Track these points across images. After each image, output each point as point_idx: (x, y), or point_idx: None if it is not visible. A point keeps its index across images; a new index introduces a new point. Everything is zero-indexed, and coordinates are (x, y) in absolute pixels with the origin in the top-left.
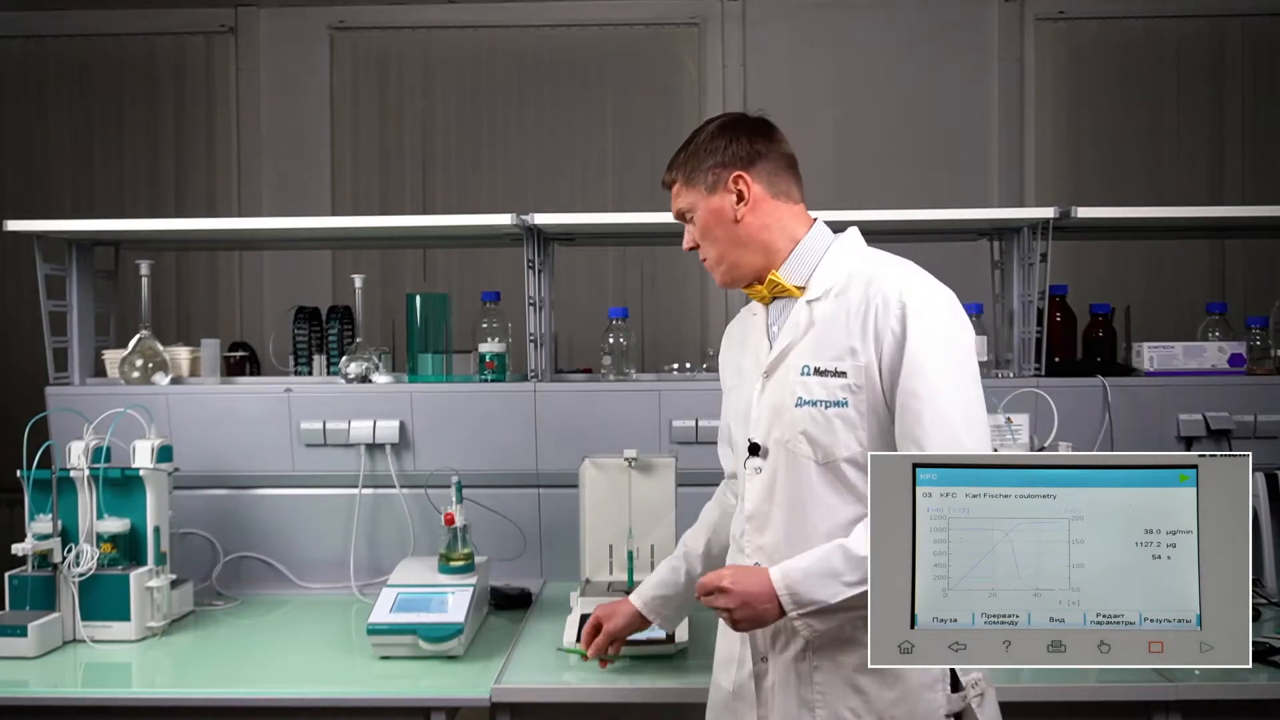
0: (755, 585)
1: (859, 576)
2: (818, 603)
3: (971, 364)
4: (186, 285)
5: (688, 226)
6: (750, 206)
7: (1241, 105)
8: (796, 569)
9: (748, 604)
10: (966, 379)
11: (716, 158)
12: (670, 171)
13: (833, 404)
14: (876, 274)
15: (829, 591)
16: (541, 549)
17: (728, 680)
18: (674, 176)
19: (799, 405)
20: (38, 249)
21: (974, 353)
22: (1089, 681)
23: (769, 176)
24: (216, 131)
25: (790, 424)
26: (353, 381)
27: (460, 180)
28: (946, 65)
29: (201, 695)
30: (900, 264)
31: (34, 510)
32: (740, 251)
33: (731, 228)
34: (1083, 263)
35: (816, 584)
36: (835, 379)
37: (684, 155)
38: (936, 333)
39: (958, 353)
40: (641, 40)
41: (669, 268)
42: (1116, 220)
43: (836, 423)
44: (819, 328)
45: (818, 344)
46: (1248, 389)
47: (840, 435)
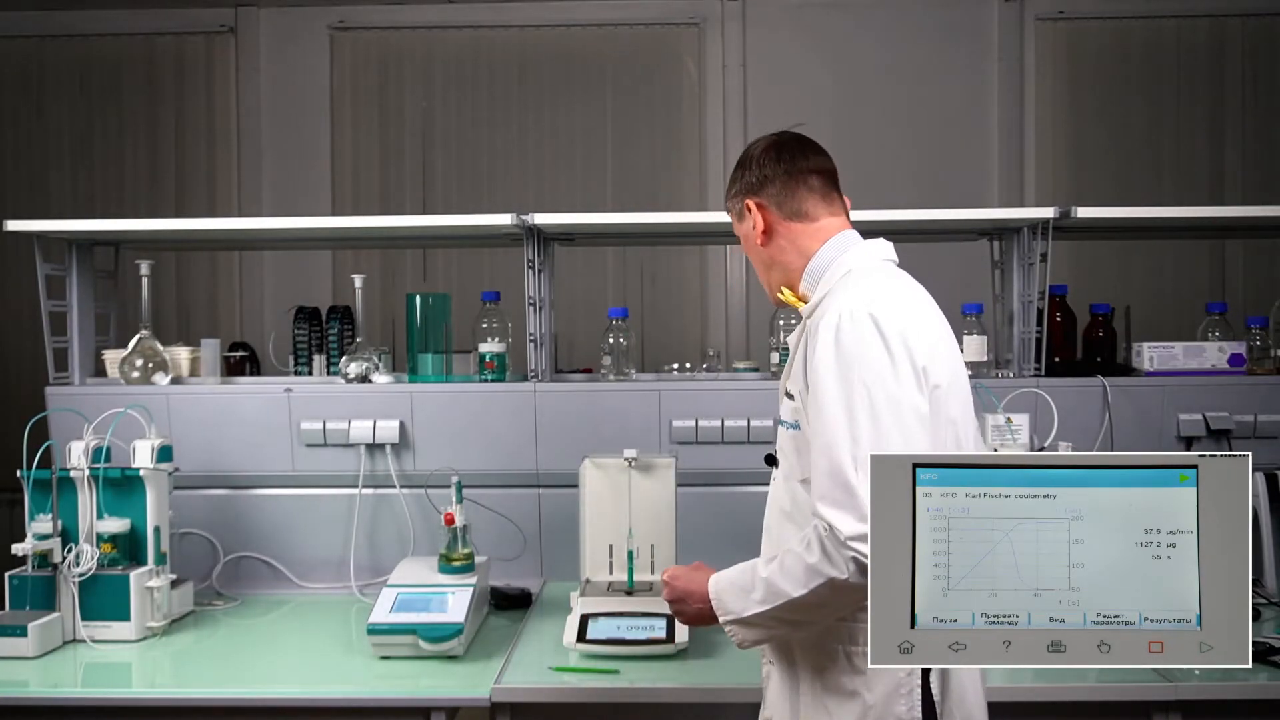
0: (694, 584)
1: (761, 595)
2: (733, 613)
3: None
4: (186, 285)
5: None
6: (764, 230)
7: (1241, 105)
8: (724, 577)
9: (682, 600)
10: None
11: (735, 186)
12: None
13: (791, 425)
14: (830, 295)
15: (740, 605)
16: (541, 549)
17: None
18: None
19: (780, 424)
20: (38, 249)
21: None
22: (1089, 681)
23: (778, 200)
24: (216, 131)
25: (778, 441)
26: (353, 381)
27: (460, 180)
28: (946, 65)
29: (201, 695)
30: (853, 282)
31: (34, 510)
32: (768, 271)
33: (757, 249)
34: (1083, 263)
35: (734, 595)
36: (791, 401)
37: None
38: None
39: (860, 379)
40: (641, 40)
41: (669, 268)
42: (1116, 220)
43: (792, 444)
44: (798, 350)
45: (793, 363)
46: (1248, 389)
47: (797, 457)
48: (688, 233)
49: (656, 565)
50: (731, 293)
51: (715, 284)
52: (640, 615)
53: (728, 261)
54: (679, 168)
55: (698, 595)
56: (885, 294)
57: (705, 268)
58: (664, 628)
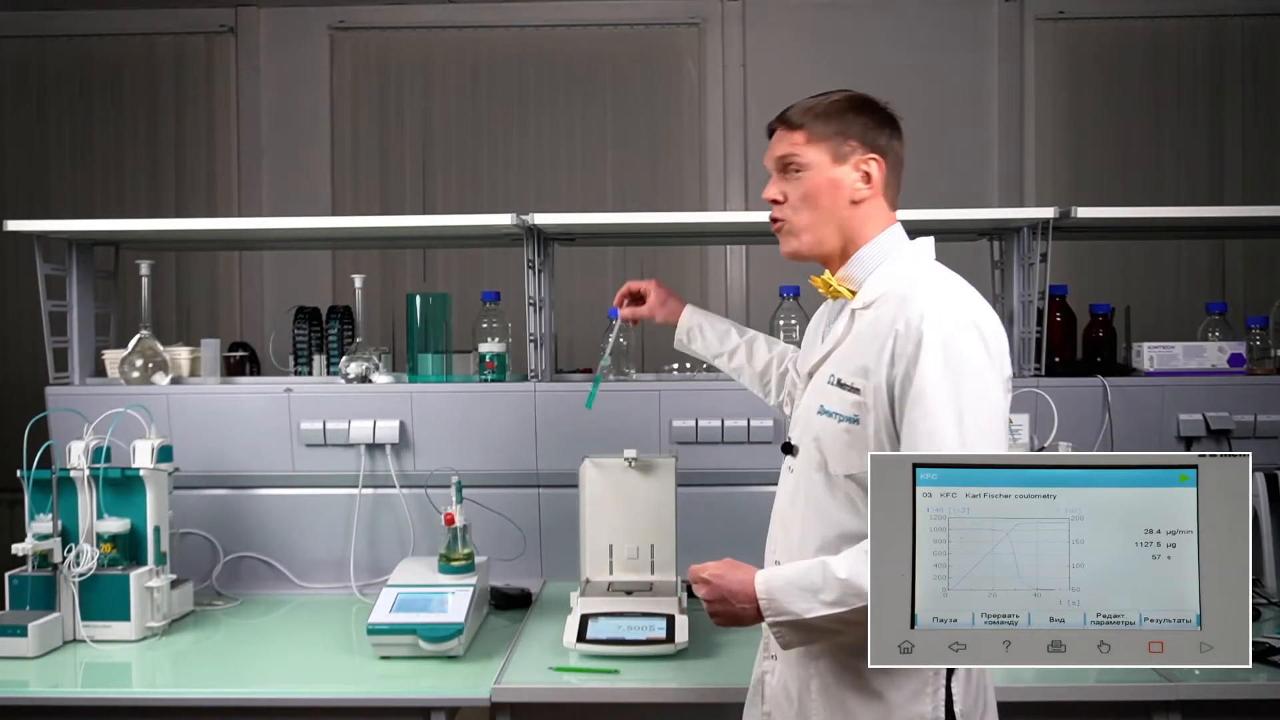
0: (736, 584)
1: (835, 597)
2: (791, 614)
3: (989, 399)
4: (186, 285)
5: (778, 176)
6: (871, 194)
7: (1241, 105)
8: (780, 576)
9: (725, 600)
10: (974, 416)
11: (856, 130)
12: (796, 118)
13: (846, 419)
14: (911, 294)
15: (804, 606)
16: (541, 549)
17: (756, 673)
18: (801, 123)
19: (820, 413)
20: (38, 249)
21: (997, 387)
22: (1089, 681)
23: (889, 172)
24: (216, 131)
25: (810, 429)
26: (353, 381)
27: (460, 180)
28: (946, 65)
29: (201, 695)
30: (939, 285)
31: (34, 510)
32: (830, 231)
33: (840, 205)
34: (1083, 263)
35: (795, 596)
36: (850, 394)
37: (820, 108)
38: (947, 368)
39: (971, 389)
40: (641, 40)
41: (669, 268)
42: (1116, 220)
43: (845, 438)
44: (853, 337)
45: (848, 354)
46: (1248, 389)
47: (847, 451)
48: (688, 233)
49: (656, 565)
50: (731, 293)
51: (715, 284)
52: (640, 615)
53: (728, 261)
54: (679, 168)
55: (743, 595)
56: (978, 302)
57: (705, 268)
58: (664, 628)
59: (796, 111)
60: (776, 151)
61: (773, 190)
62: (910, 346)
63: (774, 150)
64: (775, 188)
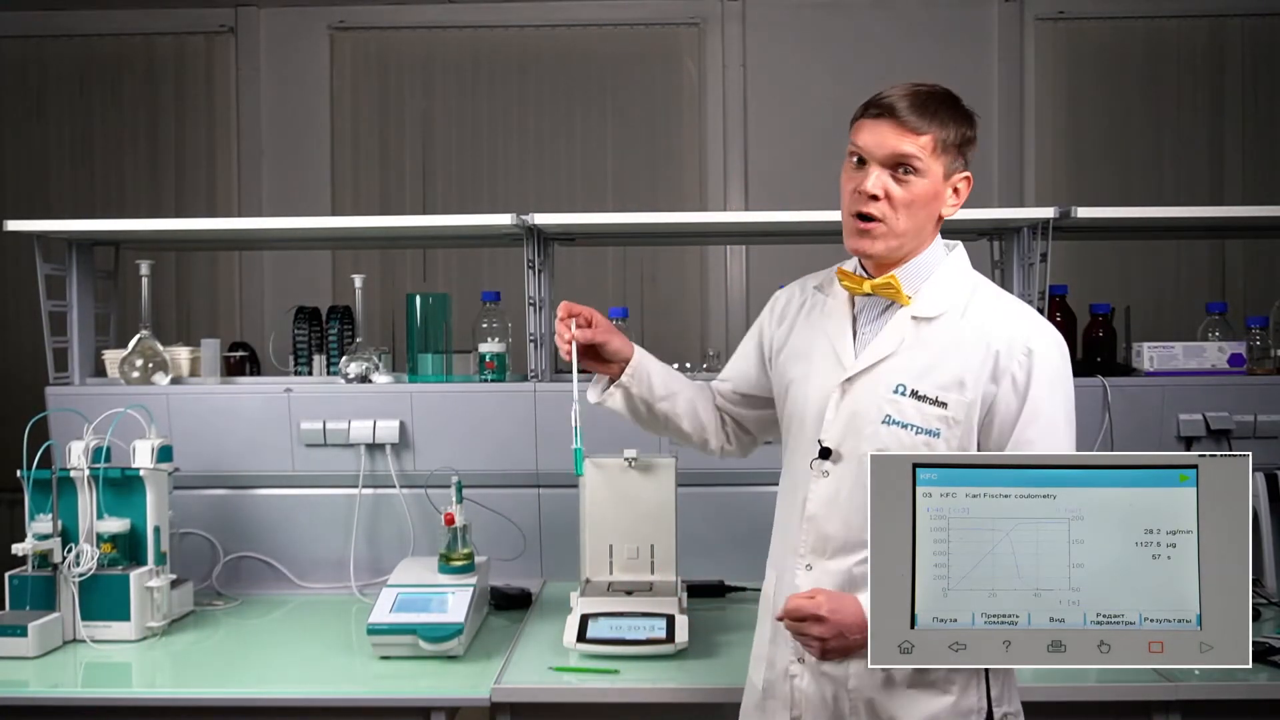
0: (850, 616)
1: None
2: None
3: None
4: (186, 285)
5: (883, 173)
6: (954, 210)
7: (1241, 105)
8: None
9: (842, 634)
10: (1072, 427)
11: (967, 149)
12: (931, 120)
13: (925, 431)
14: (998, 310)
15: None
16: (541, 549)
17: (759, 678)
18: (928, 128)
19: (887, 423)
20: (38, 249)
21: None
22: (1089, 681)
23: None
24: (216, 131)
25: (872, 439)
26: (353, 381)
27: (460, 180)
28: (946, 65)
29: (201, 695)
30: (1013, 300)
31: (34, 510)
32: (914, 238)
33: (932, 216)
34: (1083, 263)
35: None
36: (934, 408)
37: (947, 115)
38: (1058, 385)
39: (1070, 405)
40: (641, 40)
41: (669, 268)
42: (1116, 220)
43: (923, 450)
44: (924, 349)
45: (921, 366)
46: (1248, 389)
47: None
48: (688, 233)
49: (656, 565)
50: (731, 293)
51: (715, 284)
52: (640, 615)
53: (728, 261)
54: (679, 168)
55: (858, 626)
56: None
57: (705, 268)
58: (664, 628)
59: (917, 109)
60: (897, 147)
61: (876, 185)
62: (1017, 366)
63: (885, 143)
64: (879, 182)
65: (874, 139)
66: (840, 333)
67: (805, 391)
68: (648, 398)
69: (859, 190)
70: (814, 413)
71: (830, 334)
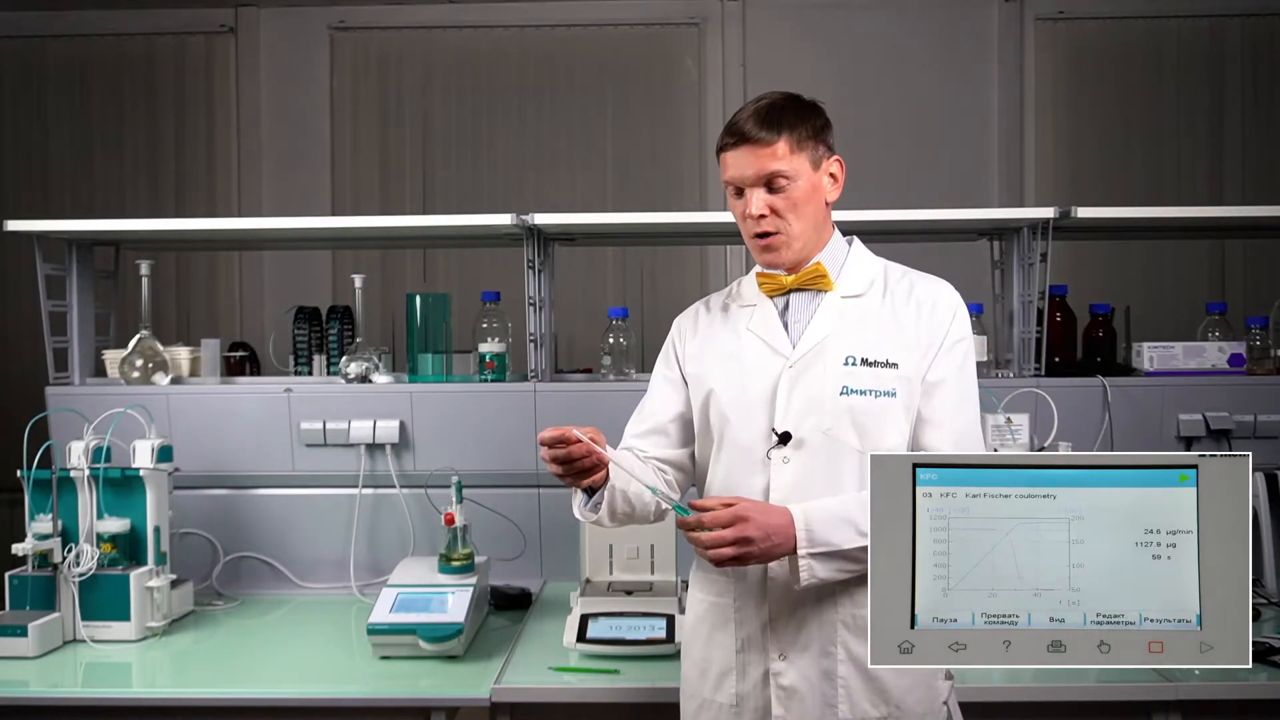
0: (777, 518)
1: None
2: (830, 545)
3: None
4: (186, 285)
5: (759, 192)
6: (836, 194)
7: (1241, 105)
8: (817, 508)
9: (769, 536)
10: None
11: (826, 135)
12: (778, 128)
13: (883, 394)
14: (910, 278)
15: (841, 536)
16: (541, 549)
17: (726, 694)
18: (779, 136)
19: (845, 393)
20: (38, 249)
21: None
22: (1089, 681)
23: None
24: (216, 131)
25: (833, 413)
26: (353, 381)
27: (460, 180)
28: (946, 65)
29: (201, 695)
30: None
31: (34, 510)
32: (812, 235)
33: (820, 208)
34: (1083, 263)
35: (833, 527)
36: (887, 369)
37: (793, 116)
38: (968, 338)
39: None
40: (641, 40)
41: (669, 268)
42: (1116, 220)
43: (886, 413)
44: (861, 322)
45: (863, 337)
46: (1248, 389)
47: (888, 424)
48: (688, 233)
49: (656, 565)
50: None
51: (715, 284)
52: (640, 615)
53: (727, 261)
54: (679, 168)
55: (783, 528)
56: None
57: (705, 268)
58: (664, 628)
59: (763, 124)
60: (761, 167)
61: (760, 206)
62: (940, 321)
63: (749, 167)
64: (761, 203)
65: (738, 167)
66: (771, 329)
67: (742, 386)
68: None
69: (747, 216)
70: (760, 404)
71: (760, 332)
